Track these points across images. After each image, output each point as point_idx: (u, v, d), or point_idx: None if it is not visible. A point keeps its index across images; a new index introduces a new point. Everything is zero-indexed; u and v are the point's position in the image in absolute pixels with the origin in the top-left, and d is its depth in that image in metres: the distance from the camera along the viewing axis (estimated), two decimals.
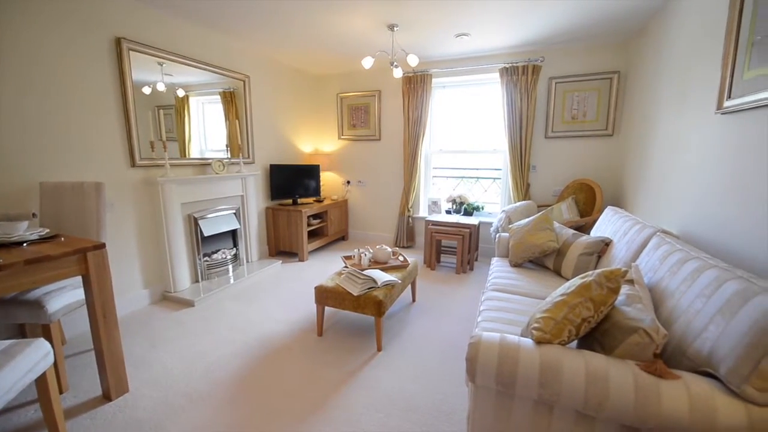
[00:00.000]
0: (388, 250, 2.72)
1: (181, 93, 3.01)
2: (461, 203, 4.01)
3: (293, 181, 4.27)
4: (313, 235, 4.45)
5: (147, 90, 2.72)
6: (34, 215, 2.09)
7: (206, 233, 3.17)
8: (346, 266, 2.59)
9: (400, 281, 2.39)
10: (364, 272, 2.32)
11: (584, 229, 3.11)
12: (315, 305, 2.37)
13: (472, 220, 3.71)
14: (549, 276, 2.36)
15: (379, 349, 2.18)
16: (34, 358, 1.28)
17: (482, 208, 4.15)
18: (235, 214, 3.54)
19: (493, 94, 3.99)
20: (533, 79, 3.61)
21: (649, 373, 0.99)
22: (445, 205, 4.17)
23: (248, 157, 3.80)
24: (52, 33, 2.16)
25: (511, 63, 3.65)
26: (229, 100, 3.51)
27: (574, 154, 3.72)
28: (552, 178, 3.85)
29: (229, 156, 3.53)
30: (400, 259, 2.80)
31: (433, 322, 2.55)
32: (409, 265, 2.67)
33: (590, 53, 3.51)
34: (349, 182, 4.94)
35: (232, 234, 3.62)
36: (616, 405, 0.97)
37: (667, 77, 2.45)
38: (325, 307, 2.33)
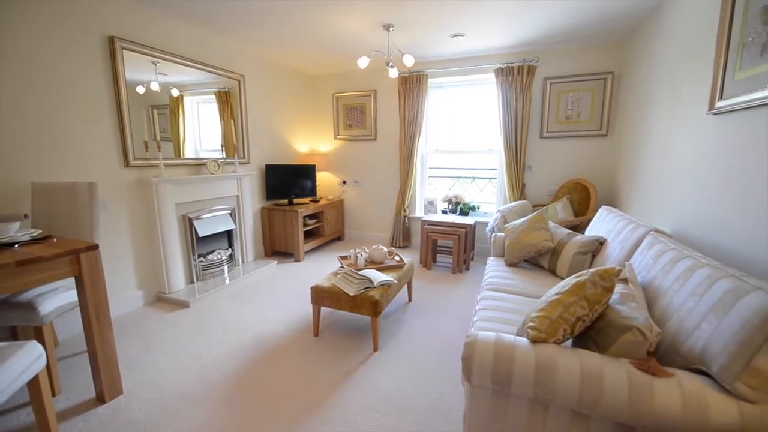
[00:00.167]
0: (385, 250, 2.72)
1: (175, 92, 2.99)
2: (457, 203, 4.02)
3: (289, 181, 4.25)
4: (309, 235, 4.44)
5: (141, 89, 2.69)
6: (26, 216, 2.06)
7: (201, 234, 3.15)
8: (342, 266, 2.58)
9: (397, 281, 2.39)
10: (361, 272, 2.32)
11: (579, 228, 3.13)
12: (311, 305, 2.36)
13: (468, 220, 3.72)
14: (544, 275, 2.37)
15: (376, 349, 2.18)
16: (26, 360, 1.26)
17: (478, 208, 4.16)
18: (230, 214, 3.53)
19: (489, 95, 4.01)
20: (528, 79, 3.63)
21: (643, 371, 0.99)
22: (441, 205, 4.18)
23: (243, 157, 3.78)
24: (44, 32, 2.14)
25: (507, 63, 3.67)
26: (224, 99, 3.49)
27: (569, 154, 3.75)
28: (547, 178, 3.88)
29: (224, 156, 3.51)
30: (396, 258, 2.80)
31: (430, 322, 2.56)
32: (405, 264, 2.67)
33: (584, 54, 3.53)
34: (345, 182, 4.94)
35: (228, 234, 3.60)
36: (610, 403, 0.98)
37: (660, 78, 2.48)
38: (321, 308, 2.33)
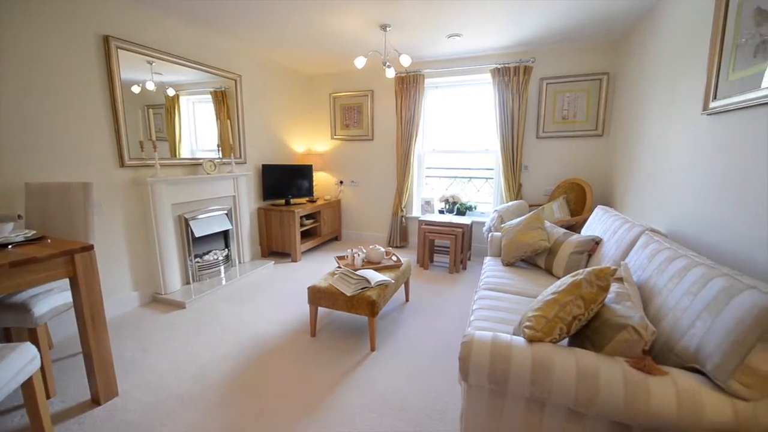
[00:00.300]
0: (381, 250, 2.72)
1: (171, 92, 2.97)
2: (454, 203, 4.03)
3: (286, 182, 4.24)
4: (306, 235, 4.43)
5: (136, 89, 2.68)
6: (20, 216, 2.04)
7: (197, 234, 3.13)
8: (339, 266, 2.58)
9: (394, 281, 2.39)
10: (358, 272, 2.32)
11: (575, 228, 3.15)
12: (308, 306, 2.36)
13: (465, 220, 3.72)
14: (541, 275, 2.38)
15: (373, 349, 2.18)
16: (19, 362, 1.25)
17: (475, 208, 4.17)
18: (226, 214, 3.51)
19: (485, 95, 4.01)
20: (524, 79, 3.64)
21: (638, 369, 1.00)
22: (438, 205, 4.19)
23: (240, 157, 3.76)
24: (38, 32, 2.12)
25: (503, 64, 3.68)
26: (221, 99, 3.48)
27: (565, 154, 3.76)
28: (543, 178, 3.89)
29: (221, 156, 3.49)
30: (394, 258, 2.80)
31: (427, 322, 2.56)
32: (402, 264, 2.68)
33: (580, 54, 3.55)
34: (342, 182, 4.93)
35: (224, 235, 3.58)
36: (606, 401, 0.99)
37: (655, 78, 2.49)
38: (318, 308, 2.32)
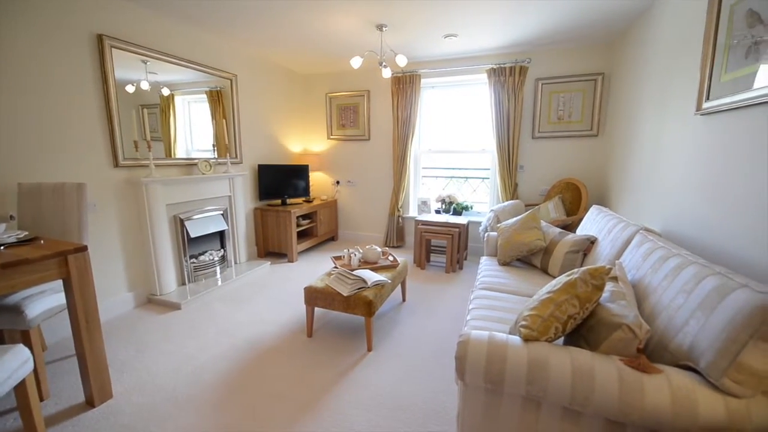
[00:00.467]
0: (378, 250, 2.72)
1: (166, 92, 2.95)
2: (450, 203, 4.04)
3: (282, 182, 4.23)
4: (303, 235, 4.42)
5: (130, 88, 2.66)
6: (12, 217, 2.03)
7: (193, 234, 3.11)
8: (335, 267, 2.58)
9: (390, 281, 2.39)
10: (354, 272, 2.32)
11: (570, 227, 3.17)
12: (304, 306, 2.35)
13: (462, 220, 3.73)
14: (536, 274, 2.40)
15: (370, 350, 2.18)
16: (12, 365, 1.24)
17: (471, 208, 4.18)
18: (222, 215, 3.49)
19: (481, 95, 4.03)
20: (520, 80, 3.66)
21: (633, 367, 1.01)
22: (435, 205, 4.19)
23: (236, 157, 3.75)
24: (29, 29, 2.09)
25: (499, 64, 3.69)
26: (216, 99, 3.46)
27: (561, 154, 3.78)
28: (539, 178, 3.91)
29: (216, 156, 3.47)
30: (390, 258, 2.80)
31: (423, 322, 2.56)
32: (399, 264, 2.68)
33: (575, 55, 3.57)
34: (338, 182, 4.93)
35: (220, 235, 3.57)
36: (601, 399, 0.99)
37: (649, 79, 2.52)
38: (315, 308, 2.32)
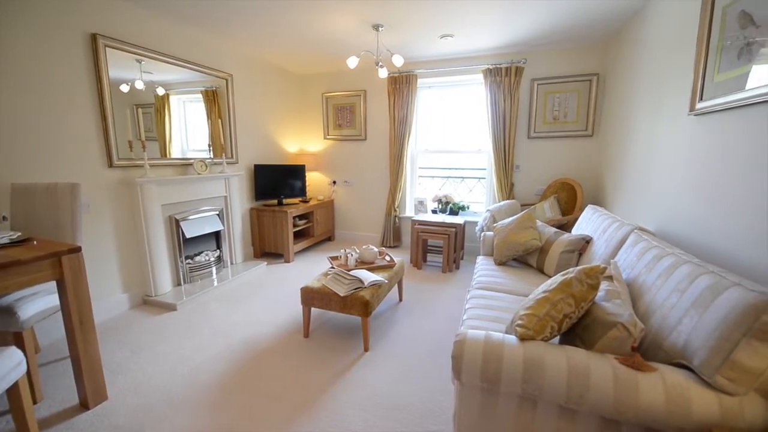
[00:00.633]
0: (375, 250, 2.72)
1: (161, 91, 2.93)
2: (447, 203, 4.04)
3: (278, 182, 4.22)
4: (299, 235, 4.41)
5: (125, 88, 2.64)
6: (5, 218, 2.00)
7: (188, 235, 3.09)
8: (332, 267, 2.57)
9: (387, 281, 2.39)
10: (351, 272, 2.32)
11: (566, 227, 3.18)
12: (301, 306, 2.35)
13: (458, 220, 3.74)
14: (532, 273, 2.41)
15: (366, 350, 2.18)
16: (5, 367, 1.22)
17: (467, 208, 4.19)
18: (218, 215, 3.48)
19: (478, 95, 4.04)
20: (516, 80, 3.67)
21: (628, 366, 1.02)
22: (431, 205, 4.20)
23: (231, 157, 3.73)
24: (23, 28, 2.07)
25: (495, 64, 3.71)
26: (212, 99, 3.45)
27: (556, 154, 3.80)
28: (535, 178, 3.93)
29: (212, 156, 3.46)
30: (387, 258, 2.80)
31: (420, 321, 2.57)
32: (396, 264, 2.68)
33: (570, 55, 3.59)
34: (335, 182, 4.92)
35: (216, 235, 3.55)
36: (596, 398, 1.00)
37: (643, 79, 2.53)
38: (312, 308, 2.31)
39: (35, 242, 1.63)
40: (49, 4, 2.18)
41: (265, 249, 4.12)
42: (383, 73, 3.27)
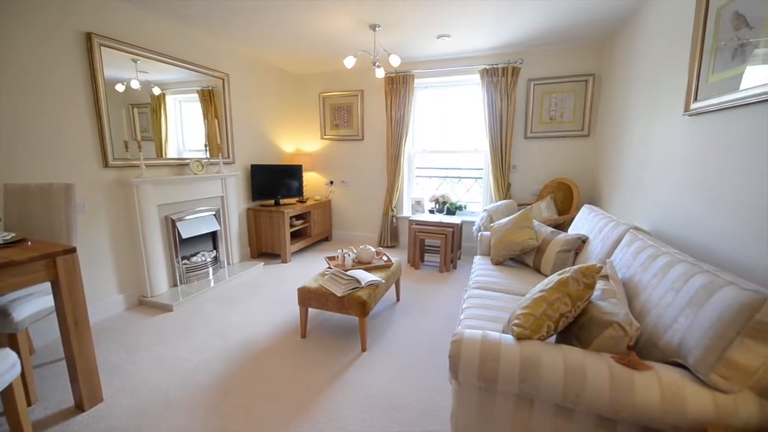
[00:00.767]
0: (372, 250, 2.72)
1: (157, 91, 2.92)
2: (444, 203, 4.05)
3: (275, 182, 4.20)
4: (296, 236, 4.40)
5: (120, 87, 2.62)
6: None
7: (185, 235, 3.08)
8: (329, 267, 2.57)
9: (384, 281, 2.39)
10: (348, 273, 2.32)
11: (562, 226, 3.20)
12: (298, 307, 2.34)
13: (455, 220, 3.75)
14: (529, 273, 2.42)
15: (364, 350, 2.18)
16: None
17: (465, 208, 4.20)
18: (214, 215, 3.46)
19: (474, 95, 4.05)
20: (513, 80, 3.68)
21: (623, 364, 1.02)
22: (429, 205, 4.21)
23: (228, 157, 3.72)
24: (17, 27, 2.05)
25: (491, 64, 3.72)
26: (208, 98, 3.43)
27: (553, 154, 3.82)
28: (531, 178, 3.94)
29: (208, 156, 3.44)
30: (384, 258, 2.80)
31: (417, 321, 2.57)
32: (393, 264, 2.68)
33: (567, 56, 3.61)
34: (332, 182, 4.91)
35: (212, 236, 3.53)
36: (592, 396, 1.00)
37: (639, 80, 2.55)
38: (309, 309, 2.31)
39: (29, 243, 1.61)
40: (44, 4, 2.16)
41: (262, 249, 4.11)
42: (380, 73, 3.27)
